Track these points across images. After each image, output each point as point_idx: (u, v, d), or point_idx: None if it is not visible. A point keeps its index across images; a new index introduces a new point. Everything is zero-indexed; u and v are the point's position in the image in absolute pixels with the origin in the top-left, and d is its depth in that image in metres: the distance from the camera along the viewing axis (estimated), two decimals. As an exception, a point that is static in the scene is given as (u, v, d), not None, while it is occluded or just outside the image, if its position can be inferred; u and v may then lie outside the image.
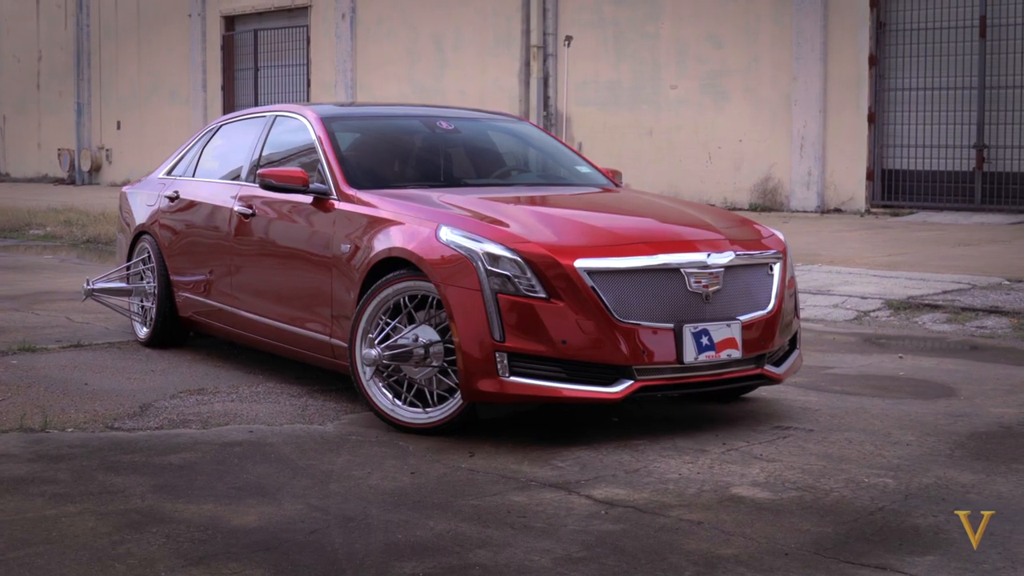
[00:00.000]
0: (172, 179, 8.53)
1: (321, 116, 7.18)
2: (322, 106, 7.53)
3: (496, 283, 5.59)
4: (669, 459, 5.47)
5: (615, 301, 5.62)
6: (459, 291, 5.64)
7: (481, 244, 5.68)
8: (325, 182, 6.73)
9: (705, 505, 4.78)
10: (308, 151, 7.08)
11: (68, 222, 17.94)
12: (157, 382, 7.20)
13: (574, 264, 5.60)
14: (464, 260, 5.66)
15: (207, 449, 5.64)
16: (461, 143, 7.44)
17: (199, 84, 27.22)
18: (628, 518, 4.61)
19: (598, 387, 5.62)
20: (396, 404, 5.96)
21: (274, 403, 6.63)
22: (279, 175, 6.74)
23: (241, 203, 7.39)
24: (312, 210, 6.74)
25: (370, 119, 7.63)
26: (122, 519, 4.58)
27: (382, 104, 8.34)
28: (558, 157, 7.62)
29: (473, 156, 7.42)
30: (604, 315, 5.58)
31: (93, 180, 29.97)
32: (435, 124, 7.43)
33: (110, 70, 29.56)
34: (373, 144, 7.29)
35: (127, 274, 8.69)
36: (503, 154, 7.55)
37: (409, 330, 5.91)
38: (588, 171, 7.50)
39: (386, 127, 7.50)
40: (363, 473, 5.22)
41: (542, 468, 5.31)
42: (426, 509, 4.71)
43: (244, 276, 7.36)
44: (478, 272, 5.60)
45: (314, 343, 6.64)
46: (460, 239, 5.74)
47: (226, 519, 4.59)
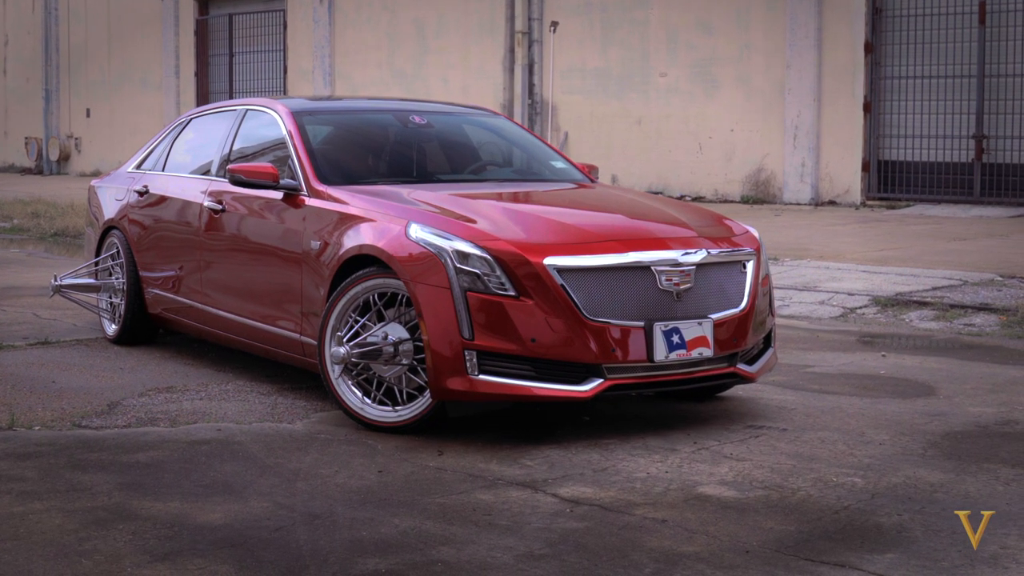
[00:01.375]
0: (142, 173, 8.75)
1: (292, 110, 7.41)
2: (293, 100, 7.76)
3: (465, 281, 5.82)
4: (638, 458, 5.71)
5: (585, 299, 5.86)
6: (428, 289, 5.87)
7: (451, 242, 5.91)
8: (295, 178, 6.95)
9: (671, 504, 5.02)
10: (279, 146, 7.31)
11: (35, 214, 18.14)
12: (125, 380, 7.43)
13: (543, 262, 5.84)
14: (433, 258, 5.89)
15: (175, 447, 5.87)
16: (434, 138, 7.68)
17: (172, 70, 27.41)
18: (593, 516, 4.85)
19: (568, 386, 5.86)
20: (365, 402, 6.20)
21: (243, 401, 6.86)
22: (248, 171, 6.96)
23: (211, 198, 7.62)
24: (282, 206, 6.97)
25: (342, 113, 7.86)
26: (89, 516, 4.82)
27: (355, 98, 8.57)
28: (533, 152, 7.86)
29: (446, 151, 7.66)
30: (574, 313, 5.82)
31: (62, 170, 30.14)
32: (408, 119, 7.66)
33: (79, 55, 29.73)
34: (345, 139, 7.53)
35: (96, 270, 8.90)
36: (477, 149, 7.79)
37: (379, 328, 6.14)
38: (563, 166, 7.75)
39: (358, 121, 7.73)
40: (330, 471, 5.46)
41: (510, 467, 5.55)
42: (392, 507, 4.95)
43: (214, 272, 7.59)
44: (447, 270, 5.84)
45: (284, 340, 6.87)
46: (430, 236, 5.97)
47: (192, 516, 4.83)
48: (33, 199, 20.47)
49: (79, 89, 29.81)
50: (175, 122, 8.92)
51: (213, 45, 27.09)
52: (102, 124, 29.22)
